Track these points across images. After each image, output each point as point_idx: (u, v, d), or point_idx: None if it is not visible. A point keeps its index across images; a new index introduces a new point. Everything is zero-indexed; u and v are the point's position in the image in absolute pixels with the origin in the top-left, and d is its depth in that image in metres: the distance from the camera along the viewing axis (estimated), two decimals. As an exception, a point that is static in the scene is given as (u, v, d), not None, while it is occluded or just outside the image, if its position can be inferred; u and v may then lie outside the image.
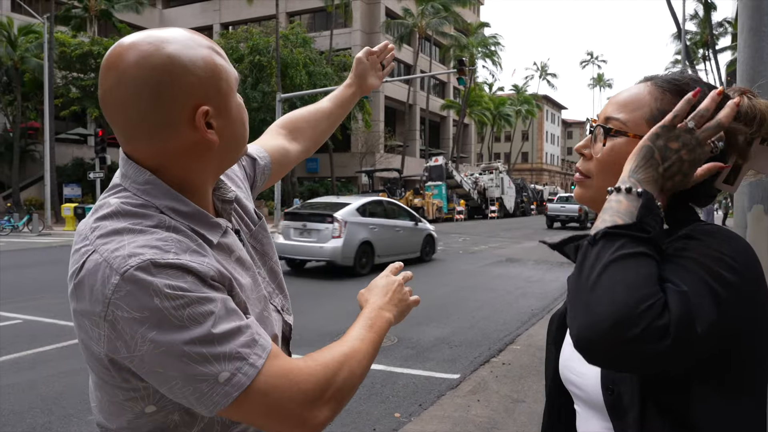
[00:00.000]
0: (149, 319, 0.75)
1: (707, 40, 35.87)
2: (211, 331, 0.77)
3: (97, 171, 22.26)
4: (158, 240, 0.80)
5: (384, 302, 1.08)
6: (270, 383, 0.80)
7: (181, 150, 0.86)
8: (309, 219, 10.83)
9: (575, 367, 0.98)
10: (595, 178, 0.96)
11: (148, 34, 0.85)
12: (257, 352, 0.80)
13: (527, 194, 44.66)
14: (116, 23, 31.61)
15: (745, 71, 2.02)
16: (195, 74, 0.83)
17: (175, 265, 0.78)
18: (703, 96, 0.88)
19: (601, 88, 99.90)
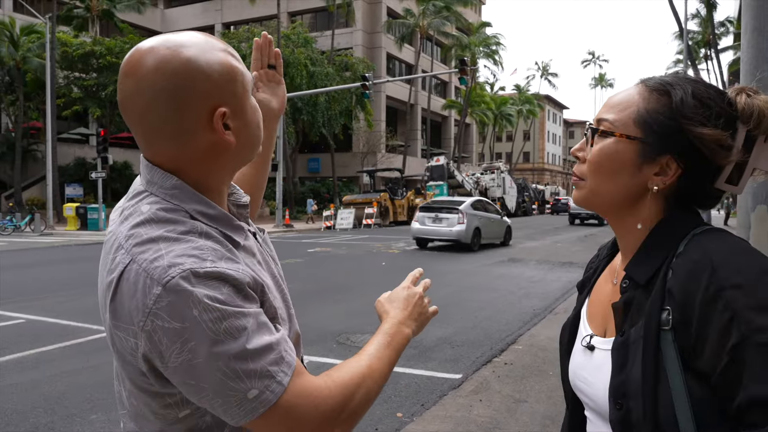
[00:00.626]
0: (188, 330, 0.76)
1: (709, 40, 35.83)
2: (246, 347, 0.78)
3: (99, 171, 22.29)
4: (194, 249, 0.81)
5: (404, 316, 1.07)
6: (292, 402, 0.81)
7: (200, 152, 0.88)
8: (439, 211, 15.66)
9: (584, 375, 0.98)
10: (588, 180, 0.96)
11: (165, 39, 0.86)
12: (284, 370, 0.82)
13: (529, 194, 44.66)
14: (118, 23, 31.68)
15: (749, 71, 2.01)
16: (212, 78, 0.85)
17: (214, 275, 0.79)
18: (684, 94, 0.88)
19: (602, 87, 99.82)
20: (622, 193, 0.94)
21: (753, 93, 0.91)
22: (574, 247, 18.13)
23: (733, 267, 0.79)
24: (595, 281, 1.09)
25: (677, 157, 0.90)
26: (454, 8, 40.68)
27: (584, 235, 23.38)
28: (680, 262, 0.84)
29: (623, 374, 0.86)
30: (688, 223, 0.91)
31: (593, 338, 0.99)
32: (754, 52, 1.97)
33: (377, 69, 39.03)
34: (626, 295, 0.92)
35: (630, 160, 0.92)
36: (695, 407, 0.80)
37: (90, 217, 21.97)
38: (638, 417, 0.82)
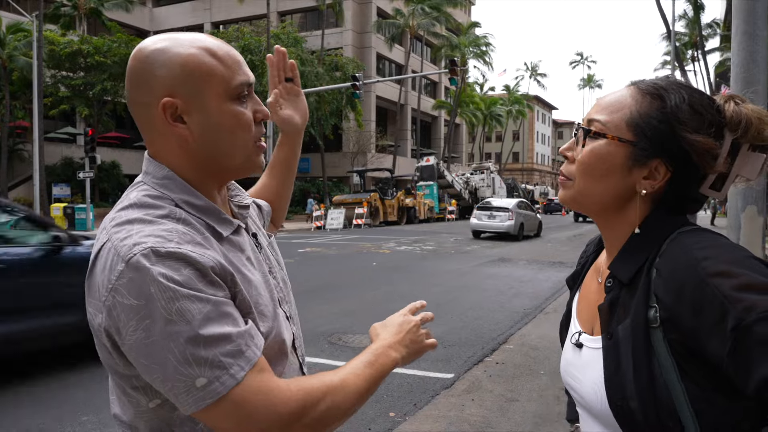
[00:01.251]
0: (143, 308, 0.77)
1: (696, 41, 36.16)
2: (198, 332, 0.78)
3: (87, 170, 22.10)
4: (163, 230, 0.83)
5: (394, 341, 1.04)
6: (244, 398, 0.80)
7: (171, 145, 0.92)
8: (493, 210, 20.41)
9: (574, 372, 1.00)
10: (576, 180, 0.96)
11: (156, 36, 0.93)
12: (240, 364, 0.80)
13: (518, 194, 44.82)
14: (106, 21, 31.40)
15: (740, 74, 2.04)
16: (168, 68, 0.88)
17: (175, 255, 0.80)
18: (679, 100, 0.90)
19: (591, 88, 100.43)
20: (609, 195, 0.94)
21: (741, 101, 0.92)
22: (563, 246, 18.23)
23: (713, 258, 0.80)
24: (583, 277, 1.11)
25: (667, 162, 0.91)
26: (443, 9, 40.75)
27: (573, 235, 23.52)
28: (663, 261, 0.86)
29: (619, 376, 0.86)
30: (671, 224, 0.93)
31: (581, 335, 1.00)
32: (744, 54, 1.99)
33: (367, 69, 39.00)
34: (611, 295, 0.93)
35: (620, 162, 0.92)
36: (692, 401, 0.81)
37: (78, 217, 21.77)
38: (642, 416, 0.83)
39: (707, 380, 0.81)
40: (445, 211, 34.10)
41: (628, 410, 0.84)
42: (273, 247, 1.12)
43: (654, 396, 0.82)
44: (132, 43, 29.81)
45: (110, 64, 28.74)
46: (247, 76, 0.94)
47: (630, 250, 0.94)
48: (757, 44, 2.06)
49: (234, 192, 1.06)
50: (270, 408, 0.81)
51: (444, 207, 34.58)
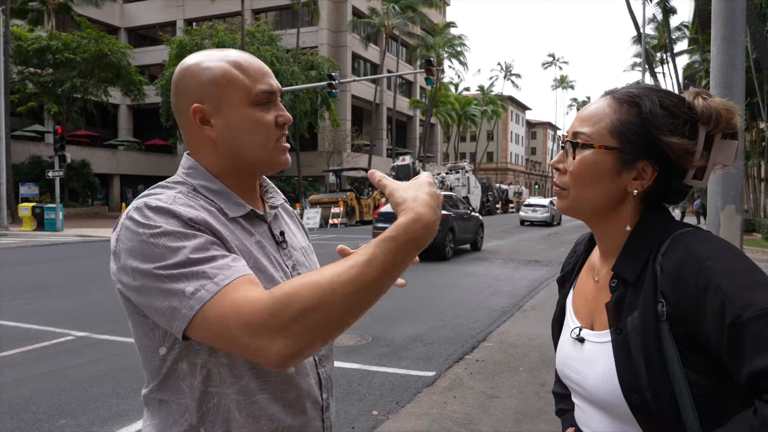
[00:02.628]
0: (135, 248, 0.90)
1: (665, 44, 36.98)
2: (189, 257, 0.88)
3: (57, 169, 21.60)
4: (164, 194, 0.98)
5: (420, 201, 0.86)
6: (220, 311, 0.83)
7: (197, 141, 1.06)
8: (535, 206, 29.82)
9: (574, 366, 1.05)
10: (570, 189, 1.03)
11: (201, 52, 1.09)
12: (227, 274, 0.87)
13: (493, 193, 45.25)
14: (75, 17, 30.73)
15: (719, 77, 2.12)
16: (198, 78, 1.03)
17: (164, 209, 0.93)
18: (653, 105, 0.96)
19: (563, 89, 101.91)
20: (603, 199, 1.01)
21: (708, 96, 1.00)
22: (538, 245, 18.47)
23: (716, 258, 0.87)
24: (575, 276, 1.16)
25: (652, 162, 0.97)
26: (418, 9, 40.88)
27: (548, 234, 23.84)
28: (667, 261, 0.91)
29: (631, 369, 0.91)
30: (665, 224, 0.99)
31: (582, 330, 1.05)
32: (723, 58, 2.07)
33: (342, 68, 38.91)
34: (616, 294, 0.98)
35: (609, 168, 0.99)
36: (692, 386, 0.88)
37: (47, 217, 21.23)
38: (655, 405, 0.89)
39: (706, 367, 0.88)
40: (420, 210, 34.22)
41: (643, 400, 0.90)
42: (306, 252, 1.20)
43: (665, 385, 0.88)
44: (102, 40, 29.27)
45: (80, 60, 28.17)
46: (269, 86, 1.05)
47: (631, 250, 0.99)
48: (736, 49, 2.13)
49: (270, 194, 1.17)
50: (236, 317, 0.82)
51: (420, 206, 34.71)
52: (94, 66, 29.14)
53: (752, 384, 0.79)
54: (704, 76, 26.01)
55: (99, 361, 5.26)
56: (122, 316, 0.96)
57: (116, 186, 38.42)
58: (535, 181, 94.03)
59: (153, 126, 40.93)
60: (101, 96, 31.51)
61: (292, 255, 1.12)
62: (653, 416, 0.90)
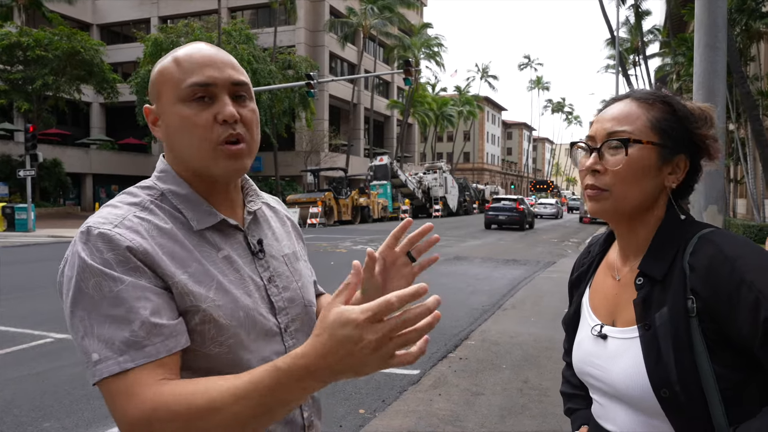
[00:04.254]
0: (71, 280, 0.85)
1: (638, 47, 37.68)
2: (106, 311, 0.82)
3: (28, 168, 21.09)
4: (113, 214, 0.91)
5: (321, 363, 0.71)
6: (114, 392, 0.80)
7: (163, 143, 1.01)
8: (544, 205, 40.82)
9: (597, 362, 1.07)
10: (614, 189, 1.02)
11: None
12: (133, 356, 0.80)
13: (469, 193, 45.55)
14: (46, 13, 30.06)
15: (702, 83, 2.20)
16: (152, 80, 0.99)
17: (104, 236, 0.86)
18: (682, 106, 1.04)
19: (539, 90, 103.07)
20: (646, 195, 1.03)
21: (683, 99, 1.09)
22: (516, 244, 18.69)
23: (747, 257, 0.93)
24: (592, 276, 1.19)
25: (687, 156, 1.04)
26: (396, 9, 40.95)
27: (524, 233, 24.12)
28: (697, 259, 0.96)
29: (660, 364, 0.95)
30: (688, 223, 1.04)
31: (604, 327, 1.08)
32: (705, 65, 2.15)
33: (320, 68, 38.78)
34: (643, 291, 1.01)
35: (653, 163, 1.02)
36: (719, 379, 0.92)
37: (18, 218, 20.74)
38: (685, 398, 0.93)
39: (733, 362, 0.93)
40: (398, 210, 34.29)
41: (673, 394, 0.94)
42: (290, 259, 1.09)
43: (694, 379, 0.93)
44: (75, 37, 28.68)
45: (52, 57, 27.57)
46: (206, 77, 0.92)
47: (657, 249, 1.03)
48: (718, 56, 2.22)
49: (249, 197, 1.06)
50: (124, 409, 0.79)
51: (398, 206, 34.78)
52: (67, 63, 28.54)
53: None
54: (675, 79, 26.58)
55: (80, 364, 5.16)
56: None
57: (89, 186, 37.68)
58: (511, 181, 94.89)
59: (127, 125, 40.24)
60: (73, 94, 30.86)
61: (270, 266, 1.02)
62: (682, 409, 0.93)
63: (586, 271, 1.22)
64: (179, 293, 0.87)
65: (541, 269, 12.37)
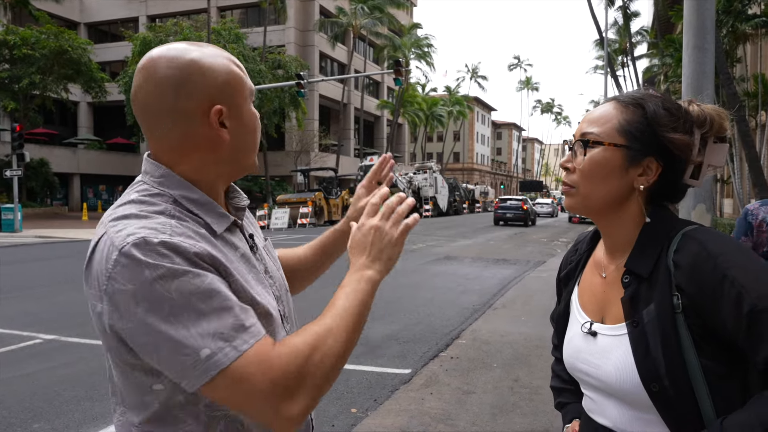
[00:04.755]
0: (140, 291, 0.81)
1: (626, 48, 37.98)
2: (198, 307, 0.82)
3: (15, 168, 20.89)
4: (156, 224, 0.87)
5: (365, 261, 0.99)
6: (245, 369, 0.81)
7: (195, 144, 0.95)
8: (541, 204, 41.70)
9: (588, 358, 1.10)
10: (579, 187, 1.09)
11: (178, 44, 0.98)
12: (244, 337, 0.83)
13: (459, 193, 45.69)
14: (33, 11, 29.74)
15: (690, 84, 2.23)
16: (212, 77, 0.94)
17: (167, 245, 0.84)
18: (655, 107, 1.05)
19: (528, 90, 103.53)
20: (612, 195, 1.07)
21: (700, 104, 1.10)
22: (505, 244, 18.78)
23: (728, 253, 0.95)
24: (579, 273, 1.22)
25: (657, 158, 1.05)
26: (385, 9, 40.99)
27: (514, 233, 24.23)
28: (681, 256, 0.99)
29: (649, 359, 0.98)
30: (672, 221, 1.07)
31: (593, 325, 1.10)
32: (694, 66, 2.19)
33: (310, 68, 38.72)
34: (630, 289, 1.04)
35: (618, 165, 1.06)
36: (706, 372, 0.95)
37: (5, 218, 20.54)
38: (673, 392, 0.96)
39: (719, 355, 0.96)
40: (388, 210, 34.32)
41: (662, 388, 0.96)
42: (269, 249, 1.15)
43: (682, 372, 0.96)
44: (62, 35, 28.43)
45: (38, 56, 27.31)
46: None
47: (642, 247, 1.06)
48: (706, 57, 2.25)
49: (233, 194, 1.09)
50: (263, 376, 0.82)
51: (388, 206, 34.81)
52: (54, 62, 28.29)
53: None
54: (663, 80, 26.82)
55: (70, 365, 5.16)
56: (91, 319, 0.90)
57: (76, 186, 37.39)
58: (500, 181, 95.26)
59: (115, 124, 39.98)
60: (61, 93, 30.60)
61: (262, 258, 1.06)
62: (671, 403, 0.96)
63: (574, 268, 1.24)
64: (236, 291, 0.89)
65: (531, 269, 12.44)
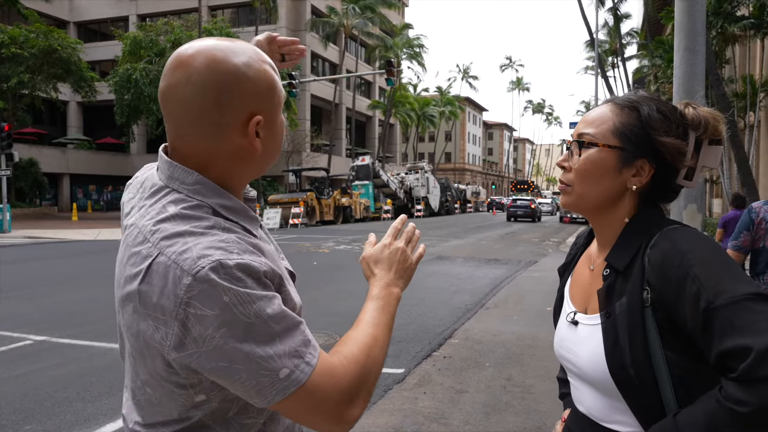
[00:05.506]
0: (220, 317, 0.80)
1: (616, 49, 38.21)
2: (274, 329, 0.84)
3: (3, 168, 20.69)
4: (221, 241, 0.85)
5: (391, 278, 1.10)
6: (317, 382, 0.85)
7: (229, 153, 0.93)
8: (542, 204, 35.83)
9: (569, 346, 1.15)
10: (575, 186, 1.13)
11: (218, 42, 0.93)
12: (311, 352, 0.86)
13: (451, 193, 45.76)
14: (22, 10, 29.48)
15: (681, 85, 2.26)
16: (256, 86, 0.91)
17: (241, 266, 0.83)
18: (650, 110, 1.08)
19: (519, 91, 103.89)
20: (605, 194, 1.11)
21: (696, 106, 1.12)
22: (497, 244, 18.84)
23: (695, 251, 0.98)
24: (574, 265, 1.27)
25: (650, 160, 1.08)
26: (377, 9, 41.00)
27: (505, 233, 24.33)
28: (654, 252, 1.02)
29: (617, 349, 1.02)
30: (657, 220, 1.09)
31: (576, 314, 1.15)
32: (685, 68, 2.21)
33: (302, 67, 38.67)
34: (608, 282, 1.08)
35: (612, 165, 1.09)
36: (670, 365, 0.98)
37: (-7, 218, 20.36)
38: (638, 381, 0.99)
39: (684, 349, 0.98)
40: (380, 210, 34.34)
41: (627, 376, 1.00)
42: (268, 236, 1.14)
43: (646, 363, 0.99)
44: (51, 34, 28.22)
45: (28, 55, 27.09)
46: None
47: (623, 242, 1.10)
48: (697, 59, 2.28)
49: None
50: (334, 387, 0.87)
51: (380, 206, 34.83)
52: (43, 61, 28.07)
53: (719, 363, 0.89)
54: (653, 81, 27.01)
55: (61, 366, 5.13)
56: (85, 320, 0.91)
57: (66, 186, 37.11)
58: (492, 181, 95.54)
59: (105, 124, 39.71)
60: (50, 92, 30.37)
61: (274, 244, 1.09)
62: (636, 391, 1.00)
63: (570, 260, 1.29)
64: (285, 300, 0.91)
65: (523, 268, 12.50)
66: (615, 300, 1.05)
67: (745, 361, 0.84)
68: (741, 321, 0.86)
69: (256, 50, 0.95)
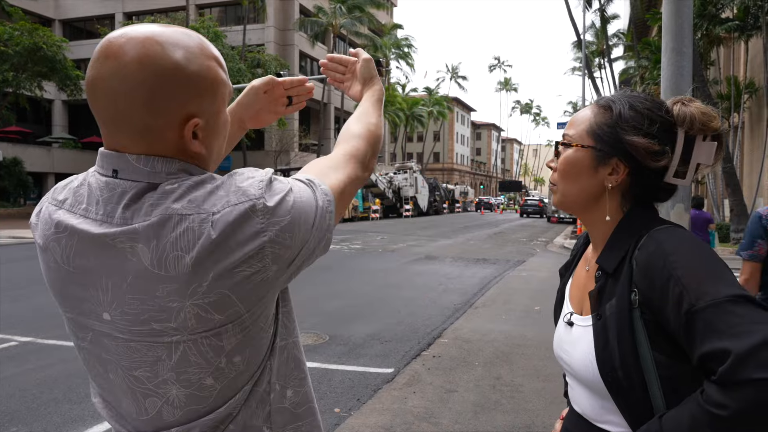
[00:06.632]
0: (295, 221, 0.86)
1: (603, 50, 38.51)
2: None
3: (-13, 167, 20.46)
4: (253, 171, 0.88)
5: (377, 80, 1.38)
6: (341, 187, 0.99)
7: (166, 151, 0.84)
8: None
9: (565, 347, 1.16)
10: (558, 185, 1.17)
11: (156, 31, 0.83)
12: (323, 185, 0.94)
13: (440, 193, 45.87)
14: (6, 7, 29.12)
15: (669, 86, 2.29)
16: (195, 87, 0.83)
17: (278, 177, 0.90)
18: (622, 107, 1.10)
19: (507, 91, 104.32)
20: (585, 192, 1.14)
21: (688, 102, 1.11)
22: (485, 244, 18.90)
23: (679, 253, 0.98)
24: (575, 266, 1.28)
25: (623, 159, 1.09)
26: (366, 9, 40.97)
27: (493, 233, 24.42)
28: (640, 254, 1.02)
29: (607, 350, 1.03)
30: (646, 220, 1.09)
31: (572, 315, 1.17)
32: (673, 68, 2.24)
33: (290, 67, 38.54)
34: (599, 284, 1.09)
35: (587, 164, 1.12)
36: (658, 366, 0.99)
37: (-24, 218, 20.11)
38: (626, 382, 1.00)
39: (671, 351, 0.99)
40: (369, 210, 34.34)
41: (616, 377, 1.01)
42: None
43: (635, 365, 1.00)
44: (36, 32, 27.88)
45: (12, 53, 26.74)
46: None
47: (613, 244, 1.11)
48: (684, 60, 2.31)
49: None
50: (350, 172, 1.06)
51: (368, 206, 34.82)
52: (28, 59, 27.72)
53: (702, 365, 0.90)
54: (639, 82, 27.26)
55: (47, 367, 5.07)
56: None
57: (51, 185, 36.56)
58: (480, 181, 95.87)
59: (90, 122, 39.16)
60: (35, 90, 29.99)
61: None
62: (624, 392, 1.01)
63: (571, 261, 1.31)
64: None
65: (511, 268, 12.55)
66: (605, 302, 1.06)
67: (723, 364, 0.84)
68: (722, 324, 0.87)
69: (200, 41, 0.87)
